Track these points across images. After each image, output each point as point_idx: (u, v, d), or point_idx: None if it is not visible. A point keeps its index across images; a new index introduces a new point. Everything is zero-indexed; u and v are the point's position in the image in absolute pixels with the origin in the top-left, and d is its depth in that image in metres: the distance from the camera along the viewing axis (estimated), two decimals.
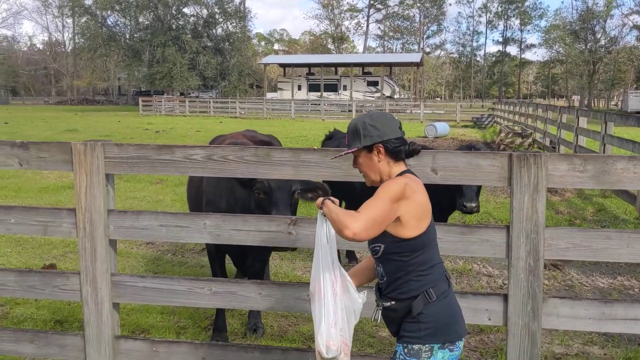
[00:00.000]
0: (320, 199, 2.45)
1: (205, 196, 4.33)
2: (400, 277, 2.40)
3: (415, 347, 2.37)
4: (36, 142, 3.38)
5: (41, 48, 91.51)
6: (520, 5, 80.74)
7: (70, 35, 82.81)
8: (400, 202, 2.29)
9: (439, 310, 2.39)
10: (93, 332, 3.44)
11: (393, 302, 2.42)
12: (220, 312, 4.46)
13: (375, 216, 2.23)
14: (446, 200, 4.86)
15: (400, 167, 2.44)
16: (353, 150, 2.45)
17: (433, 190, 4.33)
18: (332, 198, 2.47)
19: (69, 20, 78.86)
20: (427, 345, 2.36)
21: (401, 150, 2.42)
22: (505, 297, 3.07)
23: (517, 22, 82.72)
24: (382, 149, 2.40)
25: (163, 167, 3.31)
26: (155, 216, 3.36)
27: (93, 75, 76.90)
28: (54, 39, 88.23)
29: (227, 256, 4.65)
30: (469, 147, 5.03)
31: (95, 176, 3.30)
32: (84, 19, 65.41)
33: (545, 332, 4.56)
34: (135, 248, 7.01)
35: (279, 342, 4.44)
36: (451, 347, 2.39)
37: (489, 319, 3.12)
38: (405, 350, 2.39)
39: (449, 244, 3.08)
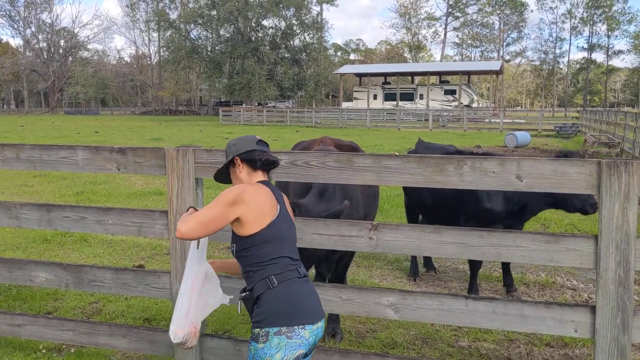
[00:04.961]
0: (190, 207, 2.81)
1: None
2: (250, 270, 2.63)
3: (255, 331, 2.52)
4: (133, 148, 3.60)
5: (128, 61, 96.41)
6: (607, 10, 77.42)
7: (155, 49, 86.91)
8: (237, 206, 2.56)
9: (278, 296, 2.53)
10: None
11: (248, 292, 2.62)
12: None
13: (203, 219, 2.54)
14: (533, 206, 4.75)
15: (258, 177, 2.79)
16: (223, 165, 2.86)
17: (524, 196, 4.27)
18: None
19: (155, 34, 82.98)
20: (263, 330, 2.49)
21: (255, 159, 2.77)
22: (593, 309, 2.98)
23: (604, 27, 79.40)
24: (239, 160, 2.78)
25: None
26: None
27: (176, 87, 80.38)
28: (141, 52, 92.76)
29: None
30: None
31: (186, 180, 3.47)
32: (168, 33, 68.70)
33: (634, 348, 4.36)
34: (217, 252, 7.25)
35: (357, 347, 4.47)
36: (289, 335, 2.46)
37: (576, 331, 3.04)
38: (251, 334, 2.56)
39: (534, 253, 3.03)
